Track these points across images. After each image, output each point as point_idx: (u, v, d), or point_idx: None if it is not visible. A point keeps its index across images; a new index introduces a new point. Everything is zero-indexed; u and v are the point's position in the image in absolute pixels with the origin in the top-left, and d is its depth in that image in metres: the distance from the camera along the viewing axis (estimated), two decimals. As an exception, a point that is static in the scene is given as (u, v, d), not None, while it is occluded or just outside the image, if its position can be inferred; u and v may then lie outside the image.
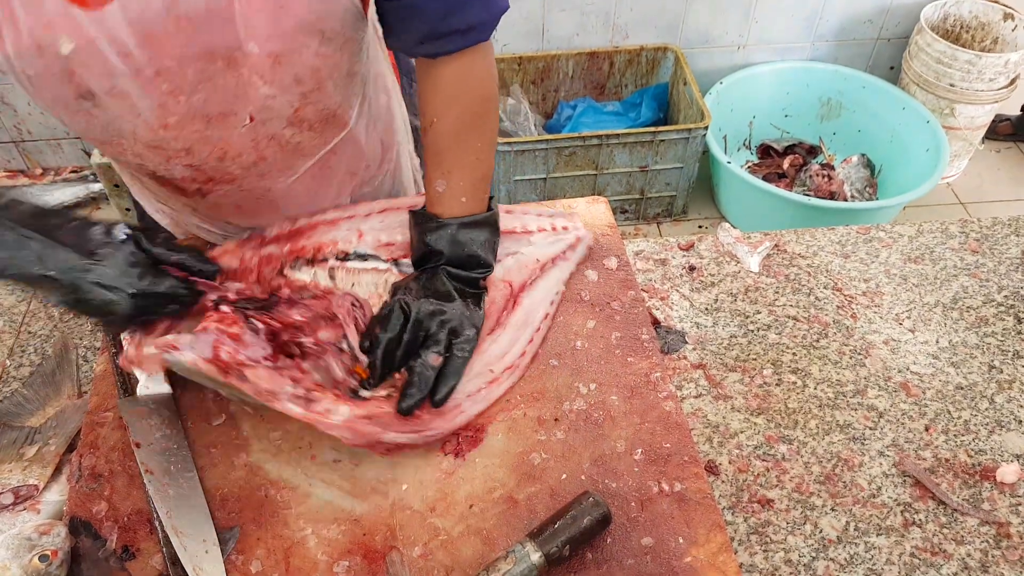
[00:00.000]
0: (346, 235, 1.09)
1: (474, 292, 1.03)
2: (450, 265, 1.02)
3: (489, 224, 1.04)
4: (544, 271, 1.12)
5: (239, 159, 0.98)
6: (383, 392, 0.96)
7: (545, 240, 1.14)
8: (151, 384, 0.99)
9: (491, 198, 1.07)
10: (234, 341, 0.89)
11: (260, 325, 0.93)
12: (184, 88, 0.87)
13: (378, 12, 0.96)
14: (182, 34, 0.82)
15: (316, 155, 1.04)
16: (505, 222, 1.12)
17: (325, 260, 1.07)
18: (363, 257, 1.08)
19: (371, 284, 1.07)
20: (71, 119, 0.89)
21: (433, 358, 0.95)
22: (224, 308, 0.92)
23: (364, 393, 0.96)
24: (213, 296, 0.93)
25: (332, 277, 1.06)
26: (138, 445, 0.93)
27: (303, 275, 1.06)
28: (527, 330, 1.05)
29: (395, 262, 1.09)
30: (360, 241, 1.09)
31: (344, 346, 0.98)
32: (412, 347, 0.96)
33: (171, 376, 0.99)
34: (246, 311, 0.93)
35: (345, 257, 1.08)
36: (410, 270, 1.08)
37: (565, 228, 1.16)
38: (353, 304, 1.01)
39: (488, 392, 0.99)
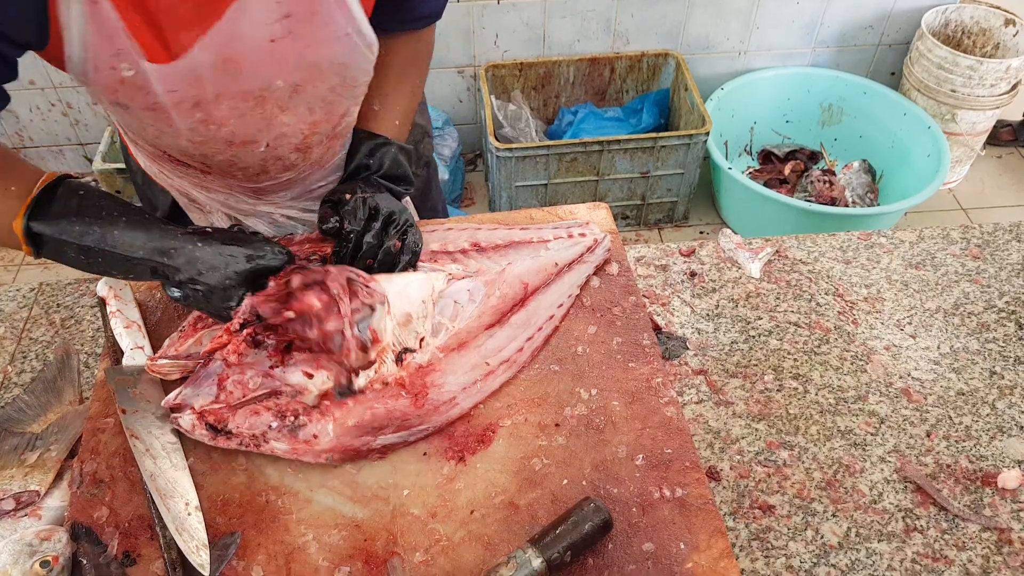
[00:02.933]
0: None
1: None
2: (383, 178, 1.13)
3: (411, 154, 1.18)
4: (561, 274, 1.13)
5: (246, 169, 1.10)
6: (376, 377, 0.97)
7: (562, 245, 1.16)
8: (137, 356, 1.03)
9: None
10: (237, 364, 0.94)
11: (268, 340, 0.96)
12: (216, 119, 0.97)
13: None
14: (226, 76, 0.92)
15: (309, 168, 1.18)
16: (521, 235, 1.17)
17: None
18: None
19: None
20: (105, 108, 1.00)
21: (395, 244, 1.05)
22: (243, 331, 0.95)
23: (360, 383, 0.96)
24: (236, 321, 0.94)
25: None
26: (124, 411, 0.96)
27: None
28: (528, 329, 1.07)
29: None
30: None
31: (348, 333, 0.98)
32: (379, 238, 1.04)
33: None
34: (257, 327, 0.96)
35: None
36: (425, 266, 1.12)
37: (583, 234, 1.17)
38: (350, 279, 1.02)
39: (484, 384, 1.01)
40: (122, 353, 1.04)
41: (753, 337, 1.23)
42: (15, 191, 0.91)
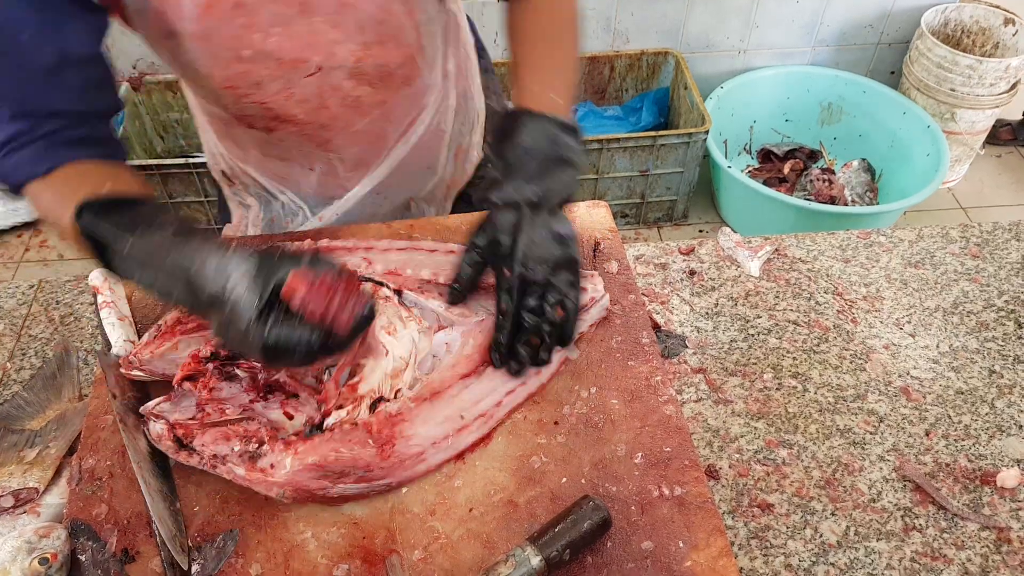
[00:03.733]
0: (357, 262, 1.08)
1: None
2: (547, 160, 0.96)
3: (579, 135, 0.99)
4: None
5: (304, 104, 1.06)
6: (347, 418, 0.92)
7: None
8: (128, 349, 1.03)
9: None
10: (209, 399, 0.92)
11: (242, 373, 0.94)
12: (260, 26, 0.94)
13: None
14: None
15: (372, 114, 1.12)
16: None
17: None
18: (369, 282, 1.06)
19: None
20: (162, 56, 1.00)
21: (557, 312, 0.95)
22: (210, 365, 0.93)
23: (329, 422, 0.92)
24: (206, 351, 0.92)
25: None
26: (114, 396, 0.96)
27: None
28: (509, 382, 0.99)
29: (398, 293, 1.05)
30: (368, 268, 1.07)
31: (325, 376, 0.96)
32: (539, 312, 0.95)
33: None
34: (231, 362, 0.94)
35: None
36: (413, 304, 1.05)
37: (584, 288, 1.04)
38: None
39: (455, 440, 0.94)
40: (110, 346, 1.04)
41: (752, 336, 1.23)
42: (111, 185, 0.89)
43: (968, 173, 3.29)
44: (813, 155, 3.25)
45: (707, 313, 1.26)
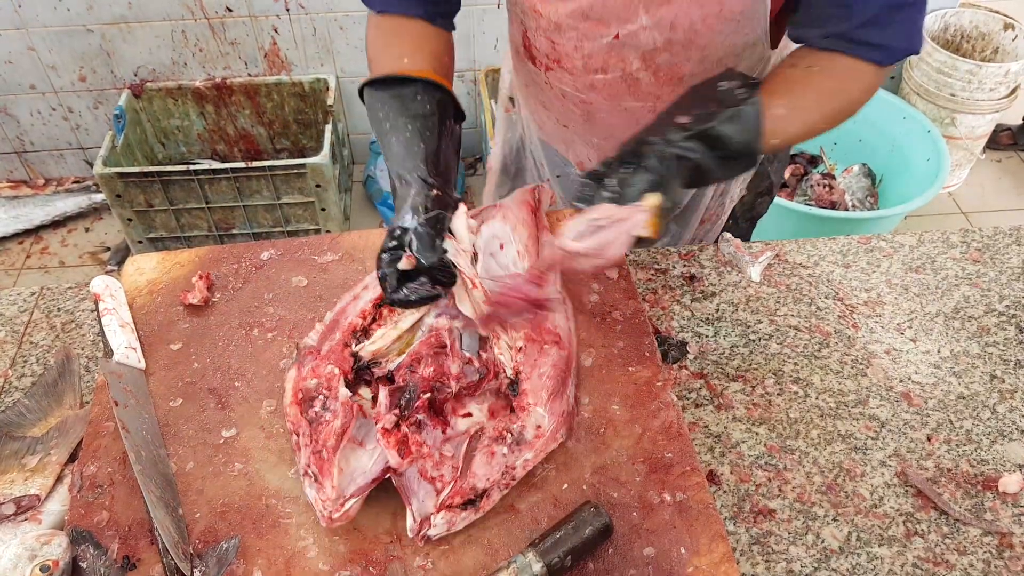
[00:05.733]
0: (373, 293, 1.07)
1: None
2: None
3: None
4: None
5: (589, 60, 1.14)
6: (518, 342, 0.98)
7: None
8: (130, 356, 1.05)
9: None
10: (420, 455, 0.89)
11: (421, 416, 0.93)
12: None
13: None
14: None
15: (646, 103, 1.18)
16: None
17: (376, 320, 1.06)
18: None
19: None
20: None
21: None
22: (398, 429, 0.91)
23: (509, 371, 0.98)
24: (387, 421, 0.91)
25: (396, 323, 1.05)
26: (116, 403, 0.97)
27: (376, 342, 1.03)
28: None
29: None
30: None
31: (467, 354, 1.00)
32: None
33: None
34: (406, 417, 0.93)
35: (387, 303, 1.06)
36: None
37: None
38: (449, 316, 1.02)
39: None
40: (112, 352, 1.05)
41: (753, 341, 1.23)
42: (408, 62, 1.07)
43: (968, 178, 3.30)
44: (813, 160, 3.26)
45: (708, 318, 1.26)
